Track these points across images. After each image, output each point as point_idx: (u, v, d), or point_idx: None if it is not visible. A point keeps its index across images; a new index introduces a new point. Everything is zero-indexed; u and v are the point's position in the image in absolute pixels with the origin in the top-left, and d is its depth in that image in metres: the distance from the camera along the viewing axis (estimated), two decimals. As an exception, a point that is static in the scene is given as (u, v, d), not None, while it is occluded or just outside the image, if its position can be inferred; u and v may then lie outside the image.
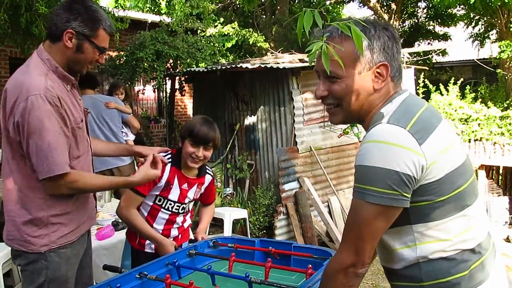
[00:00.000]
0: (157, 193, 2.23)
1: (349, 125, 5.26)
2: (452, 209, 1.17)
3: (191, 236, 2.50)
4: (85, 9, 1.76)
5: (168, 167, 2.22)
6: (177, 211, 2.29)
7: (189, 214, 2.44)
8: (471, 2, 7.97)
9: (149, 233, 2.19)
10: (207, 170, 2.43)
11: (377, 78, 1.23)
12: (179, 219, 2.33)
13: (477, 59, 12.09)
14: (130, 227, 2.28)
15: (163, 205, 2.26)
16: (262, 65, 5.41)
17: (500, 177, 6.89)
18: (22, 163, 1.75)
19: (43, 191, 1.77)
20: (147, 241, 2.25)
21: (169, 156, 2.25)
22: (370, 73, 1.22)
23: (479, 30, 11.69)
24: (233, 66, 5.93)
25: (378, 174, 1.10)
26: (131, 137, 4.88)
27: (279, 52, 7.68)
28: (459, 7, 11.06)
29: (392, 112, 1.18)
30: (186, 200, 2.31)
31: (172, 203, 2.26)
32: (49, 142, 1.67)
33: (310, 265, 1.74)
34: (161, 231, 2.26)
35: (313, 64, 1.28)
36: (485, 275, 1.20)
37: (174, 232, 2.33)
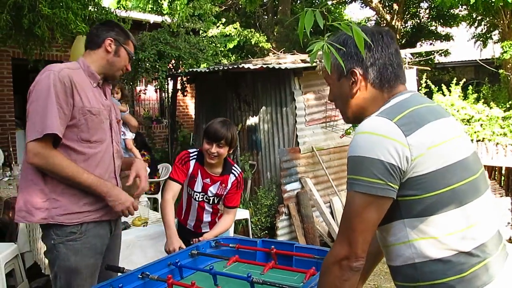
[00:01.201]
0: (187, 183, 2.61)
1: (351, 125, 5.26)
2: (444, 206, 1.16)
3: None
4: (117, 25, 2.23)
5: (193, 162, 2.59)
6: (202, 199, 2.63)
7: (219, 212, 2.72)
8: (472, 3, 7.95)
9: (168, 224, 2.42)
10: (233, 171, 2.67)
11: (352, 84, 1.30)
12: (208, 207, 2.66)
13: (480, 60, 12.06)
14: (161, 211, 2.53)
15: (192, 196, 2.63)
16: (264, 66, 5.41)
17: (503, 178, 6.87)
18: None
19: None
20: (189, 219, 2.68)
21: (196, 152, 2.62)
22: (346, 80, 1.31)
23: (482, 30, 11.67)
24: (235, 66, 5.93)
25: (364, 164, 1.14)
26: (129, 135, 4.84)
27: (281, 52, 7.68)
28: (462, 7, 11.05)
29: (384, 109, 1.23)
30: (210, 194, 2.62)
31: (198, 194, 2.63)
32: (44, 107, 1.86)
33: (314, 267, 1.73)
34: (195, 216, 2.66)
35: (314, 64, 1.29)
36: (488, 277, 1.17)
37: (207, 217, 2.68)
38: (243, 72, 5.90)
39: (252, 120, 6.16)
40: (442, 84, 8.79)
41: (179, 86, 7.69)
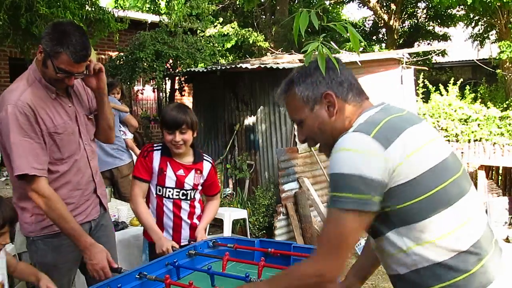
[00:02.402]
0: (156, 182, 2.33)
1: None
2: (433, 209, 1.17)
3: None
4: (54, 30, 1.85)
5: (157, 154, 2.34)
6: (178, 197, 2.34)
7: (200, 206, 2.46)
8: (469, 3, 7.97)
9: (150, 226, 2.25)
10: (204, 157, 2.46)
11: (328, 108, 1.31)
12: (185, 205, 2.37)
13: (477, 60, 12.10)
14: (136, 216, 2.37)
15: (164, 195, 2.33)
16: (262, 66, 5.42)
17: (500, 178, 6.89)
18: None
19: None
20: (164, 229, 2.34)
21: (160, 147, 2.37)
22: (320, 106, 1.32)
23: (479, 30, 11.71)
24: (233, 66, 5.93)
25: (346, 180, 1.14)
26: (130, 135, 4.88)
27: (279, 52, 7.68)
28: (459, 7, 11.07)
29: (358, 124, 1.24)
30: (186, 187, 2.35)
31: (171, 190, 2.33)
32: (12, 146, 1.83)
33: None
34: (172, 221, 2.34)
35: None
36: (489, 277, 1.18)
37: (185, 217, 2.37)
38: (241, 72, 5.90)
39: (250, 120, 6.16)
40: (440, 84, 8.81)
41: (176, 86, 7.68)
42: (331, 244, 1.17)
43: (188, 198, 2.37)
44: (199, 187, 2.41)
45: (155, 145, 2.40)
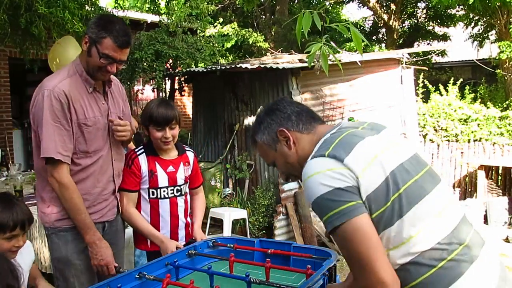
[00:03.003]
0: (147, 186, 2.28)
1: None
2: (398, 213, 1.20)
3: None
4: (98, 19, 1.99)
5: (143, 158, 2.29)
6: (173, 194, 2.33)
7: (190, 200, 2.45)
8: (470, 3, 7.97)
9: (151, 232, 2.23)
10: (186, 148, 2.46)
11: (286, 142, 1.43)
12: (180, 201, 2.36)
13: (477, 60, 12.10)
14: (132, 227, 2.32)
15: (158, 196, 2.30)
16: (262, 65, 5.41)
17: (500, 178, 6.89)
18: (39, 148, 2.00)
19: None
20: (162, 232, 2.30)
21: (142, 149, 2.33)
22: (280, 144, 1.45)
23: (479, 30, 11.70)
24: (233, 66, 5.93)
25: (328, 200, 1.19)
26: None
27: (278, 52, 7.68)
28: (459, 7, 11.07)
29: (315, 151, 1.34)
30: (180, 182, 2.34)
31: (166, 189, 2.31)
32: (43, 129, 1.92)
33: (309, 266, 1.73)
34: (169, 222, 2.31)
35: (312, 65, 1.31)
36: (461, 269, 1.20)
37: (181, 216, 2.36)
38: (240, 72, 5.90)
39: (249, 120, 6.16)
40: (440, 84, 8.81)
41: (176, 86, 7.68)
42: (357, 261, 1.18)
43: (182, 193, 2.37)
44: (188, 180, 2.41)
45: (135, 150, 2.34)
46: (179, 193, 2.35)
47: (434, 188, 1.28)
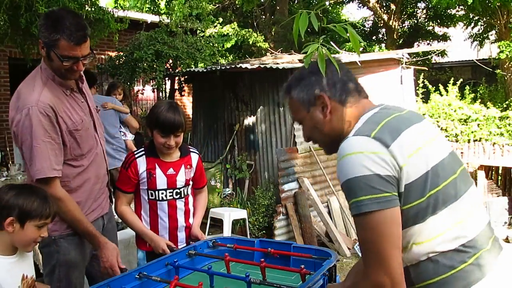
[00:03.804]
0: (146, 187, 2.27)
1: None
2: (431, 210, 1.18)
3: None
4: (45, 19, 1.82)
5: (142, 160, 2.25)
6: (172, 197, 2.29)
7: (192, 199, 2.41)
8: (469, 3, 7.97)
9: (141, 230, 2.25)
10: (191, 149, 2.40)
11: (322, 109, 1.34)
12: (180, 204, 2.32)
13: (477, 60, 12.10)
14: (125, 223, 2.35)
15: (157, 198, 2.27)
16: (262, 66, 5.42)
17: (500, 178, 6.89)
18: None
19: None
20: (160, 234, 2.28)
21: (142, 151, 2.29)
22: (315, 108, 1.35)
23: (479, 30, 11.69)
24: (233, 66, 5.93)
25: (361, 183, 1.14)
26: (130, 136, 4.89)
27: (278, 52, 7.68)
28: (459, 7, 11.07)
29: (358, 127, 1.25)
30: (179, 185, 2.30)
31: (164, 191, 2.27)
32: (33, 149, 1.83)
33: (303, 265, 1.73)
34: (167, 225, 2.29)
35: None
36: (480, 274, 1.19)
37: (181, 219, 2.33)
38: (240, 72, 5.90)
39: (249, 120, 6.16)
40: (440, 84, 8.81)
41: (176, 86, 7.68)
42: (373, 251, 1.15)
43: (182, 196, 2.33)
44: (191, 182, 2.38)
45: (135, 152, 2.31)
46: (178, 196, 2.31)
47: (467, 189, 1.25)
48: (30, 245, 1.66)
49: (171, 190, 2.29)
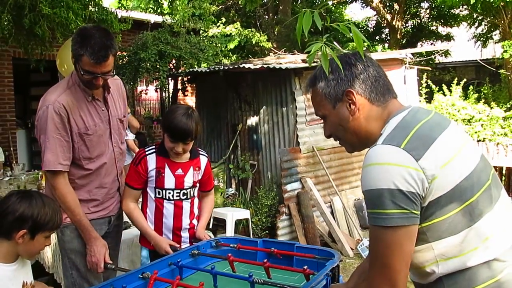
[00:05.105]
0: (154, 185, 2.29)
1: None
2: (466, 222, 1.14)
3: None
4: (78, 35, 2.02)
5: (152, 158, 2.27)
6: (178, 197, 2.31)
7: (197, 200, 2.42)
8: (472, 3, 7.95)
9: (145, 229, 2.27)
10: (200, 152, 2.42)
11: (349, 105, 1.27)
12: (186, 205, 2.34)
13: (480, 60, 12.05)
14: (130, 220, 2.39)
15: (164, 197, 2.29)
16: (265, 66, 5.42)
17: (503, 178, 6.87)
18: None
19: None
20: (163, 233, 2.32)
21: (153, 148, 2.31)
22: (342, 104, 1.28)
23: (482, 30, 11.66)
24: (236, 66, 5.93)
25: (383, 196, 1.10)
26: (131, 136, 4.91)
27: (281, 52, 7.68)
28: (462, 7, 11.04)
29: (388, 133, 1.18)
30: (186, 185, 2.31)
31: (171, 191, 2.29)
32: (45, 141, 2.06)
33: (306, 266, 1.73)
34: (172, 225, 2.31)
35: (313, 64, 1.29)
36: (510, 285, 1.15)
37: (185, 220, 2.34)
38: (243, 72, 5.90)
39: (252, 120, 6.16)
40: (443, 84, 8.79)
41: (179, 86, 7.69)
42: (381, 263, 1.13)
43: (188, 197, 2.34)
44: (197, 184, 2.39)
45: (147, 148, 2.33)
46: (185, 196, 2.33)
47: (499, 195, 1.20)
48: (36, 254, 1.68)
49: (178, 191, 2.30)
